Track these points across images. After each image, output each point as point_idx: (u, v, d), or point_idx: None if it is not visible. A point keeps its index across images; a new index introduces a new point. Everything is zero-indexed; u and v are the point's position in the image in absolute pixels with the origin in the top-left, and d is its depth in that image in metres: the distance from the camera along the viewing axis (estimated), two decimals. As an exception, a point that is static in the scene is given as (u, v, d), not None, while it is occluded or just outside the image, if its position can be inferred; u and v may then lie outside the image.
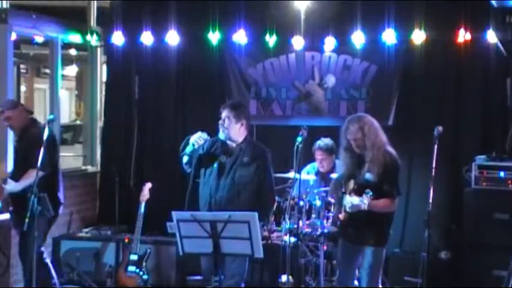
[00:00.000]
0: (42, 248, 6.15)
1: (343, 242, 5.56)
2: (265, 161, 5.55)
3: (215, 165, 5.49)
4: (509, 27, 7.04)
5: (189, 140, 5.50)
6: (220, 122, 5.53)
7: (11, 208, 6.23)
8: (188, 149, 5.46)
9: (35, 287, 5.69)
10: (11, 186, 5.96)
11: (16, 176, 6.06)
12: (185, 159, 5.52)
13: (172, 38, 7.79)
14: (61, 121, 9.01)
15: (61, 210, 6.34)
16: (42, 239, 6.11)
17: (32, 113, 6.49)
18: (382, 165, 5.23)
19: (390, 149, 5.36)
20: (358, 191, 5.22)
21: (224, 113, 5.52)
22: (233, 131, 5.50)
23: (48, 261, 6.31)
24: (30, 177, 5.82)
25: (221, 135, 5.54)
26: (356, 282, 5.71)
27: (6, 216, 6.33)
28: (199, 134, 5.46)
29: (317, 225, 6.35)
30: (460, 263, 6.87)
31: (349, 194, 5.29)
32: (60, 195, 6.30)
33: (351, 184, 5.36)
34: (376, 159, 5.25)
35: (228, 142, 5.54)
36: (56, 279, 6.35)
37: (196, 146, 5.43)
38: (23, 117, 6.21)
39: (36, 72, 23.46)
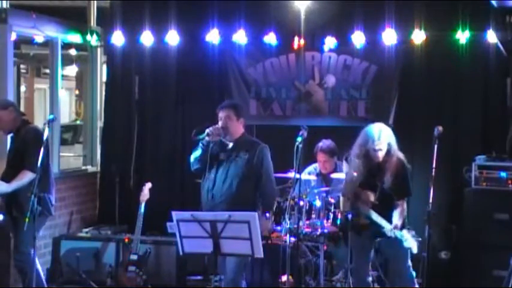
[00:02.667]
0: (32, 250, 6.10)
1: (357, 237, 5.60)
2: (262, 155, 5.66)
3: (215, 162, 5.64)
4: (509, 27, 7.04)
5: (205, 128, 5.61)
6: (221, 123, 5.65)
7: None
8: (201, 136, 5.57)
9: (38, 287, 5.70)
10: (3, 187, 5.94)
11: (8, 176, 6.01)
12: (198, 152, 5.62)
13: (172, 38, 7.79)
14: (61, 121, 8.98)
15: (52, 212, 6.32)
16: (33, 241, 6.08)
17: (23, 114, 6.46)
18: (395, 172, 5.39)
19: (399, 153, 5.50)
20: (383, 204, 5.36)
21: (224, 113, 5.67)
22: (233, 128, 5.66)
23: (39, 267, 6.23)
24: (24, 179, 5.82)
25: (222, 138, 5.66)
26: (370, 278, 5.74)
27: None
28: (217, 126, 5.61)
29: (317, 225, 6.35)
30: (460, 263, 6.86)
31: (371, 206, 5.40)
32: (52, 197, 6.26)
33: (371, 196, 5.43)
34: (394, 167, 5.40)
35: (223, 139, 5.67)
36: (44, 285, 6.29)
37: (208, 138, 5.54)
38: (13, 118, 6.15)
39: (36, 72, 23.43)
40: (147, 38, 7.89)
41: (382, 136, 5.50)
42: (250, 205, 5.53)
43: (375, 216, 5.40)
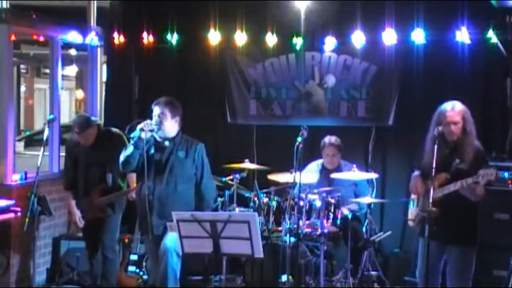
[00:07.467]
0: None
1: (427, 242, 5.13)
2: (200, 153, 5.66)
3: (151, 163, 5.53)
4: (509, 27, 7.03)
5: (136, 125, 5.52)
6: (155, 120, 5.53)
7: None
8: (134, 134, 5.46)
9: (38, 287, 5.72)
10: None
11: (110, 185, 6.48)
12: (130, 150, 5.46)
13: (172, 38, 7.79)
14: (61, 121, 8.98)
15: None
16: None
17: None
18: (473, 153, 5.17)
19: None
20: (452, 181, 5.07)
21: (157, 110, 5.56)
22: (168, 127, 5.58)
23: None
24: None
25: (155, 134, 5.53)
26: None
27: (6, 216, 6.33)
28: (148, 121, 5.49)
29: (317, 225, 6.36)
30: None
31: (440, 186, 5.10)
32: None
33: (443, 176, 5.16)
34: (470, 147, 5.17)
35: (159, 139, 5.59)
36: None
37: (143, 134, 5.40)
38: (96, 130, 6.55)
39: (36, 72, 23.46)
40: (147, 38, 7.89)
41: (455, 107, 5.24)
42: (192, 206, 5.57)
43: (445, 189, 5.05)
